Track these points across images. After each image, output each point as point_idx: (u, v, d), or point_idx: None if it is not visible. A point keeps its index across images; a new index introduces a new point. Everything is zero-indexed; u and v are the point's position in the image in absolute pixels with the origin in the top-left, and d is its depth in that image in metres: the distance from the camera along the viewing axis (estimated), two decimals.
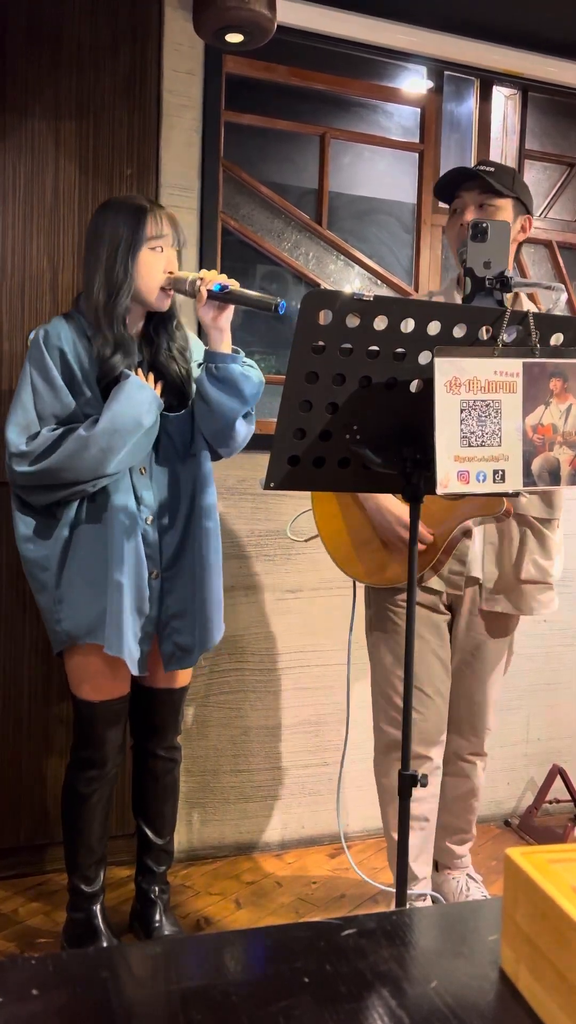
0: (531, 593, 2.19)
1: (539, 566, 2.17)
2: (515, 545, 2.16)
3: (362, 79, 2.98)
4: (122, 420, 1.89)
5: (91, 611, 1.97)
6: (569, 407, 1.58)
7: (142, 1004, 0.68)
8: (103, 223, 1.96)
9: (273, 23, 2.43)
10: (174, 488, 2.07)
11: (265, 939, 0.78)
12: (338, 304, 1.51)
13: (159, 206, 2.01)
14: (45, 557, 1.99)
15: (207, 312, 1.94)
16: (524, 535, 2.16)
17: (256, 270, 2.98)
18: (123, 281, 1.93)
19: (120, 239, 1.93)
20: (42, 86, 2.46)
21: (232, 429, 2.01)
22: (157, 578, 2.04)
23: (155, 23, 2.56)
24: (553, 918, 0.66)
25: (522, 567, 2.16)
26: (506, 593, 2.19)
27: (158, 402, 1.97)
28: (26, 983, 0.69)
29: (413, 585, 1.71)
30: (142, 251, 1.94)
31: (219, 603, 2.07)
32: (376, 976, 0.71)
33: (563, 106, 3.27)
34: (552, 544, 2.18)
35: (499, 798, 3.07)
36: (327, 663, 2.79)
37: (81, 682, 2.06)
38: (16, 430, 1.94)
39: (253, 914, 2.41)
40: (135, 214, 1.94)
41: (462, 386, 1.52)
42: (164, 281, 1.97)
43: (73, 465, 1.90)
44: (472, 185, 2.15)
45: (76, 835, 2.12)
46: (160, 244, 1.96)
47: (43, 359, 1.95)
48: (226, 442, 2.04)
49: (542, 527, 2.17)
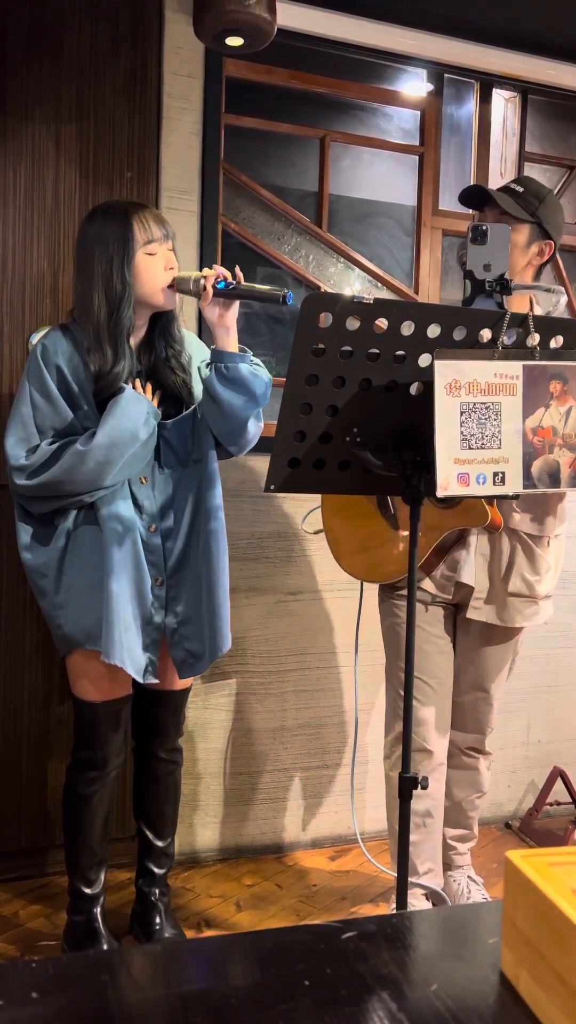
0: (515, 605, 2.22)
1: (527, 581, 2.20)
2: (504, 558, 2.20)
3: (362, 82, 2.98)
4: (118, 434, 1.90)
5: (90, 617, 1.97)
6: (569, 409, 1.58)
7: (142, 1007, 0.68)
8: (91, 239, 1.94)
9: (273, 26, 2.43)
10: (177, 495, 2.06)
11: (265, 942, 0.78)
12: (338, 307, 1.51)
13: (141, 206, 1.98)
14: (44, 564, 2.00)
15: (212, 310, 1.94)
16: (514, 550, 2.19)
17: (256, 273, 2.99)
18: (122, 294, 1.92)
19: (111, 253, 1.91)
20: (43, 89, 2.47)
21: (244, 428, 2.01)
22: (162, 585, 2.04)
23: (155, 26, 2.56)
24: (553, 921, 0.66)
25: (510, 580, 2.19)
26: (492, 604, 2.22)
27: (155, 413, 1.97)
28: (26, 986, 0.69)
29: (413, 585, 1.71)
30: (136, 258, 1.93)
31: (227, 608, 2.06)
32: (376, 979, 0.71)
33: (563, 109, 3.27)
34: (541, 561, 2.22)
35: (500, 800, 3.07)
36: (328, 665, 2.79)
37: (81, 683, 2.07)
38: (16, 443, 1.94)
39: (254, 917, 2.41)
40: (120, 224, 1.92)
41: (462, 388, 1.52)
42: (168, 279, 1.97)
43: (71, 478, 1.90)
44: (494, 203, 2.16)
45: (77, 836, 2.12)
46: (153, 247, 1.95)
47: (41, 374, 1.95)
48: (237, 441, 2.04)
49: (532, 544, 2.20)
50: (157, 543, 2.03)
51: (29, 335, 2.46)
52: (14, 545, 2.06)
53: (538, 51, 2.99)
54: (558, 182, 3.34)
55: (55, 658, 2.52)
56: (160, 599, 2.04)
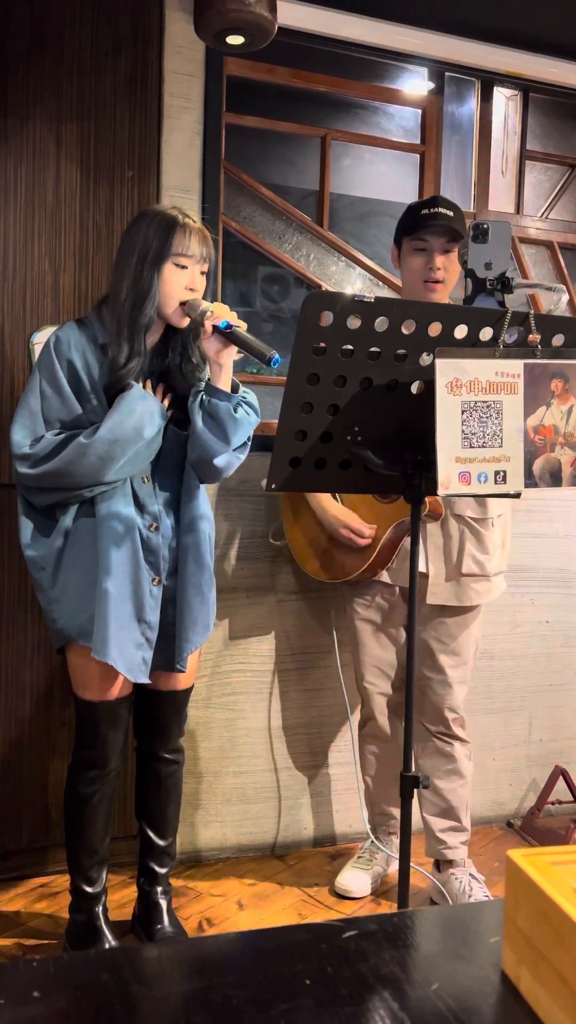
0: (470, 584, 2.40)
1: (477, 560, 2.39)
2: (455, 543, 2.38)
3: (363, 80, 2.98)
4: (122, 430, 1.91)
5: (84, 614, 1.98)
6: (570, 408, 1.58)
7: (144, 1006, 0.68)
8: (136, 231, 1.97)
9: (274, 25, 2.43)
10: (178, 497, 2.08)
11: (266, 941, 0.78)
12: (339, 306, 1.51)
13: (193, 221, 1.99)
14: (42, 557, 2.01)
15: (211, 345, 1.97)
16: (463, 533, 2.38)
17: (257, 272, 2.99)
18: (148, 291, 1.94)
19: (148, 249, 1.94)
20: (43, 89, 2.46)
21: (209, 464, 2.00)
22: (159, 585, 2.04)
23: (156, 25, 2.56)
24: (555, 920, 0.66)
25: (463, 562, 2.38)
26: (449, 586, 2.39)
27: (162, 413, 1.99)
28: (28, 985, 0.69)
29: (414, 587, 1.71)
30: (167, 264, 1.95)
31: (213, 596, 2.12)
32: (377, 978, 0.71)
33: (564, 107, 3.27)
34: (488, 541, 2.40)
35: (501, 799, 3.07)
36: (328, 664, 2.79)
37: (81, 682, 2.07)
38: (21, 432, 1.96)
39: (255, 916, 2.41)
40: (166, 227, 1.95)
41: (463, 387, 1.52)
42: (184, 297, 1.97)
43: (72, 471, 1.92)
44: (439, 230, 2.29)
45: (78, 836, 2.12)
46: (186, 261, 1.96)
47: (52, 365, 1.97)
48: (204, 472, 2.05)
49: (478, 526, 2.38)
50: (157, 543, 2.03)
51: (30, 334, 2.46)
52: (15, 545, 2.06)
53: (539, 49, 2.99)
54: (559, 180, 3.34)
55: (55, 658, 2.52)
56: (156, 599, 2.04)
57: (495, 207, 3.15)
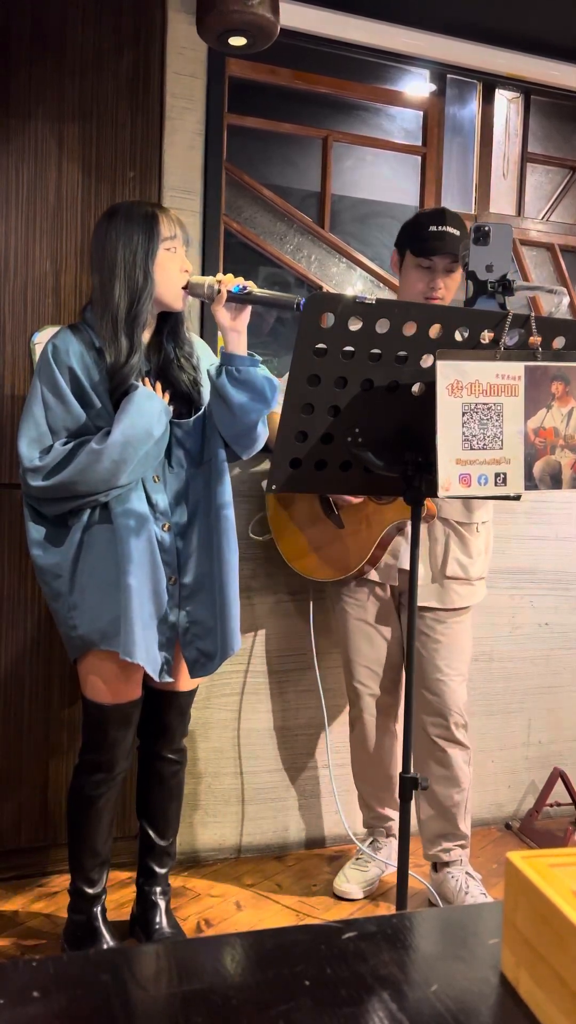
0: (453, 587, 2.42)
1: (461, 564, 2.41)
2: (440, 546, 2.40)
3: (365, 82, 2.98)
4: (133, 432, 1.90)
5: (105, 617, 1.96)
6: (571, 411, 1.58)
7: (142, 1007, 0.68)
8: (114, 231, 1.96)
9: (276, 26, 2.43)
10: (189, 494, 2.07)
11: (265, 942, 0.78)
12: (340, 307, 1.51)
13: (163, 207, 2.02)
14: (57, 564, 1.99)
15: (225, 314, 1.97)
16: (448, 537, 2.40)
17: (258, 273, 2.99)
18: (144, 286, 1.94)
19: (136, 244, 1.94)
20: (46, 89, 2.47)
21: (254, 431, 2.04)
22: (175, 583, 2.04)
23: (158, 26, 2.57)
24: (554, 922, 0.66)
25: (447, 565, 2.40)
26: (434, 588, 2.40)
27: (167, 411, 1.98)
28: (26, 985, 0.69)
29: (414, 587, 1.71)
30: (159, 253, 1.95)
31: (237, 607, 2.07)
32: (376, 980, 0.71)
33: (565, 109, 3.27)
34: (472, 546, 2.42)
35: (500, 801, 3.07)
36: (328, 665, 2.79)
37: (94, 685, 2.05)
38: (29, 444, 1.94)
39: (254, 916, 2.41)
40: (147, 218, 1.95)
41: (464, 389, 1.52)
42: (183, 281, 1.98)
43: (86, 478, 1.90)
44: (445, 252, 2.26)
45: (81, 837, 2.11)
46: (173, 244, 1.98)
47: (53, 374, 1.95)
48: (246, 443, 2.06)
49: (463, 530, 2.40)
50: (170, 541, 2.03)
51: (31, 335, 2.46)
52: (15, 546, 2.05)
53: (541, 52, 2.99)
54: (560, 183, 3.34)
55: (55, 658, 2.52)
56: (174, 597, 2.03)
57: (496, 209, 3.15)
